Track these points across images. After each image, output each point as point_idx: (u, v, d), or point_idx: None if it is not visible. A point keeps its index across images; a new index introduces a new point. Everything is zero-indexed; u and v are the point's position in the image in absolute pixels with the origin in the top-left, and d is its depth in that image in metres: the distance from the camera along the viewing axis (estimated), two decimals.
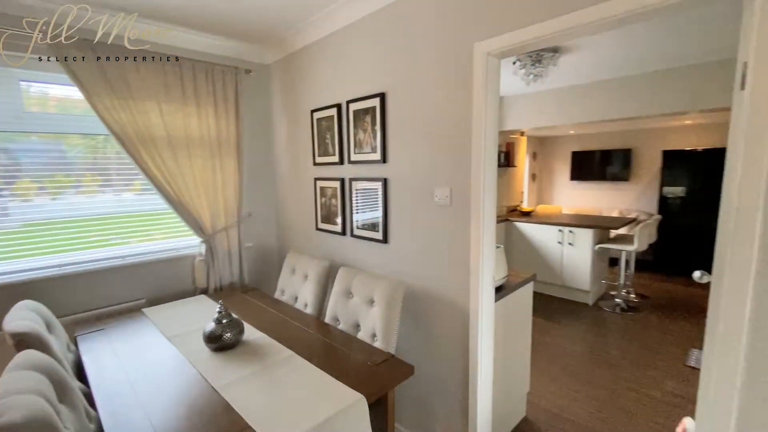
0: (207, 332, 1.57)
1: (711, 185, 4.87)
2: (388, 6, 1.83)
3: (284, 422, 1.12)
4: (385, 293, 1.75)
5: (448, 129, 1.65)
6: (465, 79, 1.56)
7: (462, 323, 1.70)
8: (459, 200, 1.65)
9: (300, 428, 1.09)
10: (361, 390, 1.28)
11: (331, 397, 1.25)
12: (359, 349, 1.59)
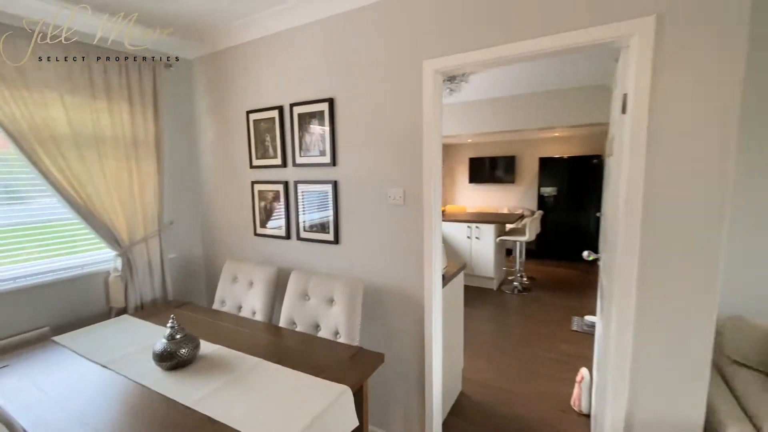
0: (158, 351, 1.43)
1: (575, 186, 6.06)
2: (339, 15, 1.91)
3: (276, 424, 1.12)
4: (345, 291, 1.82)
5: (400, 135, 1.81)
6: (415, 92, 1.74)
7: (417, 312, 1.87)
8: (412, 200, 1.82)
9: (295, 426, 1.11)
10: (342, 382, 1.34)
11: (315, 393, 1.28)
12: (325, 346, 1.63)
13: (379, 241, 1.95)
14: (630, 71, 1.36)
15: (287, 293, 1.99)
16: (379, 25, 1.79)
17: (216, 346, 1.62)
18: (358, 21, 1.85)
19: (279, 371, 1.42)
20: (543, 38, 1.45)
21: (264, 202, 2.36)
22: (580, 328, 3.50)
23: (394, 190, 1.86)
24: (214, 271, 2.73)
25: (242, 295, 2.17)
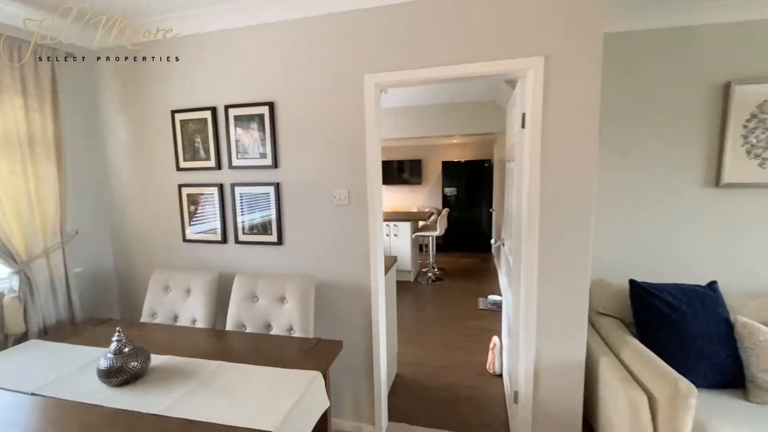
0: (105, 367, 1.33)
1: (471, 186, 6.92)
2: (284, 22, 1.97)
3: (259, 415, 1.18)
4: (297, 289, 1.90)
5: (344, 140, 1.97)
6: (357, 101, 1.92)
7: (365, 302, 2.05)
8: (356, 200, 1.99)
9: (277, 414, 1.18)
10: (312, 369, 1.45)
11: (288, 383, 1.36)
12: (284, 342, 1.70)
13: (325, 240, 2.07)
14: (527, 96, 1.77)
15: (233, 297, 1.97)
16: (326, 37, 1.92)
17: (165, 357, 1.56)
18: (304, 30, 1.95)
19: (245, 369, 1.45)
20: (464, 65, 1.77)
21: (194, 206, 2.26)
22: (486, 307, 4.10)
23: (339, 191, 2.01)
24: (130, 283, 2.48)
25: (178, 304, 2.05)
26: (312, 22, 1.93)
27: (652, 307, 1.89)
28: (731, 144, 2.10)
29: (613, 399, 1.64)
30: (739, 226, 2.13)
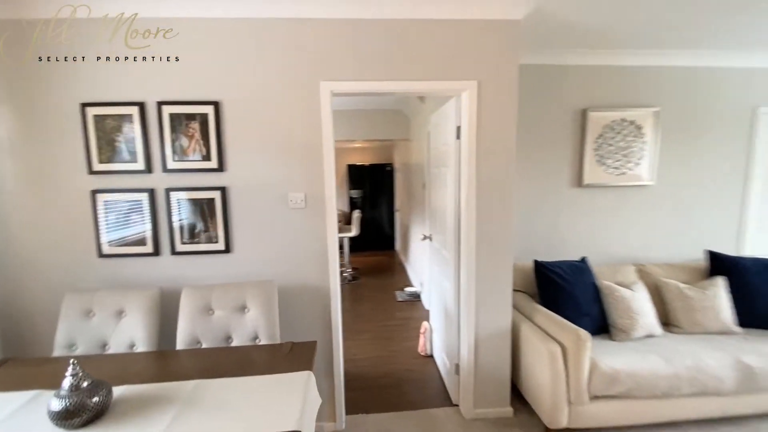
0: (60, 408, 1.13)
1: (375, 188, 7.31)
2: (237, 20, 1.87)
3: (272, 424, 1.17)
4: (259, 295, 1.85)
5: (300, 143, 1.99)
6: (314, 108, 1.97)
7: (323, 303, 2.11)
8: (313, 202, 2.04)
9: (291, 417, 1.20)
10: (300, 371, 1.48)
11: (284, 386, 1.36)
12: (254, 351, 1.65)
13: (280, 244, 2.05)
14: (463, 112, 2.10)
15: (183, 312, 1.80)
16: (282, 41, 1.92)
17: (122, 387, 1.36)
18: (258, 31, 1.90)
19: (228, 383, 1.39)
20: (411, 82, 2.00)
21: (114, 214, 1.95)
22: (403, 299, 4.46)
23: (295, 194, 2.02)
24: (18, 312, 1.97)
25: (107, 329, 1.76)
26: (267, 23, 1.90)
27: (550, 280, 2.45)
28: (588, 155, 2.84)
29: (537, 353, 2.09)
30: (596, 214, 2.90)
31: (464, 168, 2.13)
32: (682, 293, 2.50)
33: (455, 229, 2.28)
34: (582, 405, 1.99)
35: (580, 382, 1.96)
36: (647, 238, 2.98)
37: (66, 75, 1.86)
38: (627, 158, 2.88)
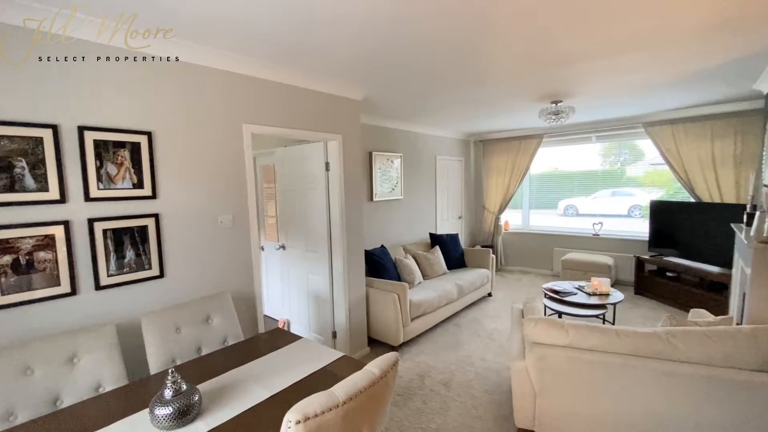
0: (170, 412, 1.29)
1: None
2: (175, 62, 1.99)
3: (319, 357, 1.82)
4: (220, 305, 2.11)
5: (227, 173, 2.34)
6: (238, 143, 2.39)
7: (250, 304, 2.50)
8: (239, 222, 2.42)
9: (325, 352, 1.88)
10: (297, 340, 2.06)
11: (299, 351, 1.95)
12: (244, 347, 2.00)
13: (212, 261, 2.30)
14: (333, 153, 3.10)
15: (151, 338, 1.80)
16: (214, 86, 2.24)
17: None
18: (196, 74, 2.14)
19: (274, 355, 1.81)
20: (302, 131, 2.81)
21: (12, 255, 1.60)
22: None
23: (224, 216, 2.34)
24: None
25: (59, 382, 1.52)
26: (203, 69, 2.18)
27: (374, 260, 3.82)
28: (376, 181, 4.46)
29: (384, 302, 3.38)
30: (383, 218, 4.56)
31: (335, 190, 3.12)
32: (425, 257, 4.53)
33: (327, 234, 3.21)
34: (408, 325, 3.46)
35: (407, 311, 3.42)
36: (404, 229, 4.97)
37: None
38: (391, 183, 4.72)
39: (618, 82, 3.15)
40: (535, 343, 2.06)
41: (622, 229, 5.58)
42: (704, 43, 2.31)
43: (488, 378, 2.92)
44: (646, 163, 6.04)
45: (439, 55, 2.37)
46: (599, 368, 1.90)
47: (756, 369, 1.70)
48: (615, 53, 2.43)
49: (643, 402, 1.84)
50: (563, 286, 3.89)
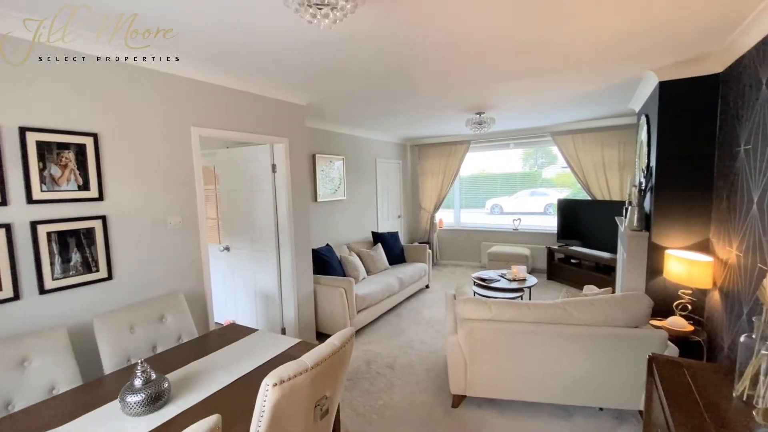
0: (141, 399, 1.39)
1: None
2: (120, 64, 1.99)
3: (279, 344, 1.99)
4: (173, 304, 2.16)
5: (176, 174, 2.38)
6: (186, 146, 2.43)
7: (202, 303, 2.54)
8: (188, 223, 2.46)
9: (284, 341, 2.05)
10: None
11: (280, 341, 2.10)
12: (198, 343, 2.08)
13: (162, 261, 2.32)
14: (280, 155, 3.22)
15: (105, 338, 1.81)
16: (161, 89, 2.26)
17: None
18: (142, 77, 2.16)
19: (233, 346, 1.92)
20: (251, 134, 2.91)
21: None
22: None
23: (173, 217, 2.37)
24: None
25: (9, 386, 1.49)
26: (148, 72, 2.20)
27: (321, 258, 3.99)
28: (320, 181, 4.62)
29: (332, 297, 3.58)
30: (327, 218, 4.74)
31: (282, 191, 3.25)
32: (369, 254, 4.80)
33: (275, 234, 3.32)
34: (354, 317, 3.70)
35: (353, 304, 3.66)
36: (348, 229, 5.19)
37: None
38: (333, 184, 4.93)
39: (527, 99, 3.72)
40: (465, 319, 2.43)
41: (538, 224, 6.41)
42: (591, 73, 2.90)
43: (428, 358, 3.28)
44: (558, 166, 7.01)
45: (376, 72, 2.65)
46: (515, 335, 2.32)
47: (624, 326, 2.24)
48: (520, 77, 2.92)
49: (548, 358, 2.30)
50: (489, 274, 4.43)
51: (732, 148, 2.35)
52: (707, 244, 2.74)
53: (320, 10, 1.30)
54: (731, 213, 2.33)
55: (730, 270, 2.29)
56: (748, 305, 1.98)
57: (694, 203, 2.76)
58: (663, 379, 1.46)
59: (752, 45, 2.05)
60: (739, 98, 2.26)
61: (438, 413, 2.48)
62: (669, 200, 2.84)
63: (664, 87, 2.81)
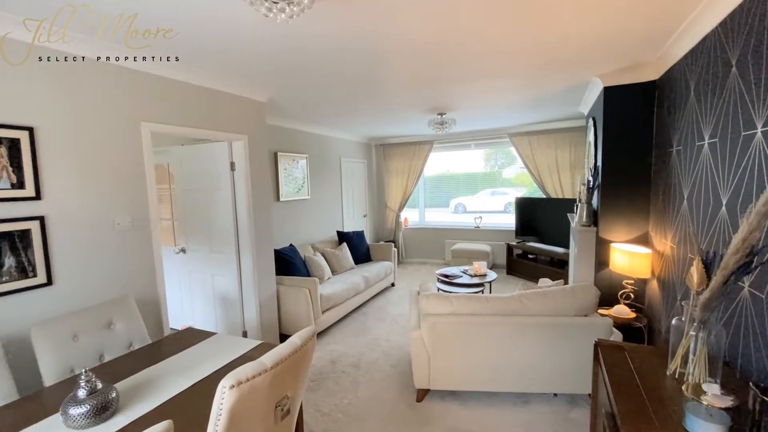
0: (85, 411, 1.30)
1: None
2: (61, 52, 1.83)
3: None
4: (122, 309, 2.03)
5: (125, 172, 2.24)
6: (137, 142, 2.30)
7: (155, 309, 2.41)
8: (139, 224, 2.33)
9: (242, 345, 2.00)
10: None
11: (241, 343, 2.03)
12: (159, 347, 1.98)
13: (110, 266, 2.17)
14: (239, 153, 3.12)
15: (43, 350, 1.67)
16: (106, 81, 2.12)
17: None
18: (85, 67, 2.00)
19: (190, 351, 1.84)
20: (207, 131, 2.80)
21: None
22: None
23: (122, 218, 2.24)
24: None
25: None
26: (93, 63, 2.05)
27: (285, 259, 3.92)
28: (283, 180, 4.53)
29: (296, 298, 3.52)
30: (291, 218, 4.65)
31: (241, 190, 3.15)
32: (334, 253, 4.77)
33: (235, 234, 3.22)
34: (319, 317, 3.66)
35: (317, 305, 3.62)
36: (312, 228, 5.13)
37: None
38: (297, 183, 4.85)
39: (486, 100, 3.86)
40: (428, 314, 2.48)
41: (498, 222, 6.66)
42: (541, 77, 3.06)
43: (393, 355, 3.31)
44: (517, 166, 7.32)
45: (337, 70, 2.64)
46: (475, 327, 2.40)
47: (574, 314, 2.39)
48: (480, 78, 3.03)
49: (505, 348, 2.40)
50: (452, 271, 4.54)
51: (665, 149, 2.57)
52: (647, 237, 2.98)
53: (276, 4, 1.28)
54: (666, 208, 2.54)
55: (666, 260, 2.50)
56: (681, 292, 2.18)
57: (635, 199, 2.99)
58: (607, 362, 1.57)
59: (683, 54, 2.26)
60: (671, 103, 2.48)
61: (402, 408, 2.51)
62: (613, 197, 3.06)
63: (608, 92, 3.02)
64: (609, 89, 3.02)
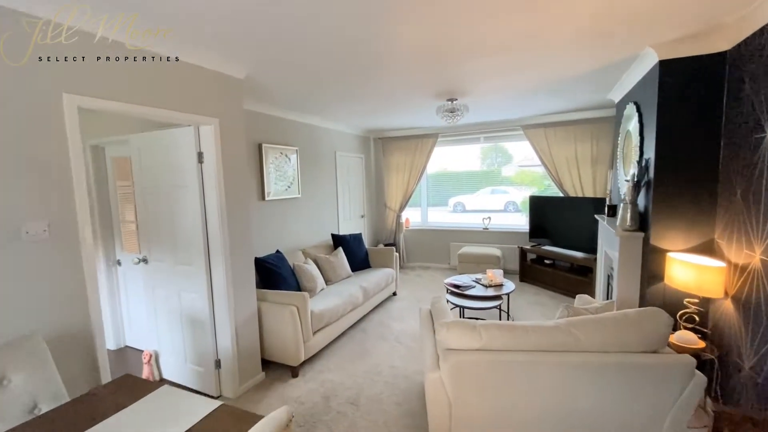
0: None
1: None
2: None
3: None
4: (21, 356, 1.42)
5: (37, 162, 1.63)
6: (57, 121, 1.68)
7: (87, 344, 1.81)
8: (61, 231, 1.72)
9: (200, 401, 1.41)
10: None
11: (192, 403, 1.44)
12: (77, 408, 1.38)
13: (12, 290, 1.57)
14: (207, 140, 2.51)
15: None
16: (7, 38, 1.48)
17: None
18: None
19: (120, 415, 1.25)
20: (158, 109, 2.18)
21: None
22: None
23: (33, 224, 1.62)
24: None
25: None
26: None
27: (267, 269, 3.31)
28: (270, 176, 3.92)
29: (280, 317, 2.91)
30: (279, 220, 4.04)
31: (211, 187, 2.54)
32: (328, 260, 4.17)
33: (204, 241, 2.60)
34: (309, 340, 3.06)
35: (308, 325, 3.02)
36: (303, 231, 4.52)
37: None
38: (286, 180, 4.23)
39: (502, 82, 3.28)
40: (449, 350, 1.90)
41: (506, 223, 6.10)
42: (577, 50, 2.48)
43: (398, 386, 2.73)
44: (515, 165, 6.80)
45: (335, 38, 2.04)
46: (510, 367, 1.82)
47: (641, 351, 1.82)
48: (500, 51, 2.44)
49: (551, 395, 1.82)
50: (462, 279, 3.96)
51: (748, 136, 2.01)
52: (712, 246, 2.42)
53: None
54: (750, 210, 1.98)
55: (753, 276, 1.94)
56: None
57: (699, 200, 2.43)
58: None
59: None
60: (757, 79, 1.91)
61: None
62: (670, 196, 2.49)
63: (665, 66, 2.45)
64: (666, 63, 2.45)
